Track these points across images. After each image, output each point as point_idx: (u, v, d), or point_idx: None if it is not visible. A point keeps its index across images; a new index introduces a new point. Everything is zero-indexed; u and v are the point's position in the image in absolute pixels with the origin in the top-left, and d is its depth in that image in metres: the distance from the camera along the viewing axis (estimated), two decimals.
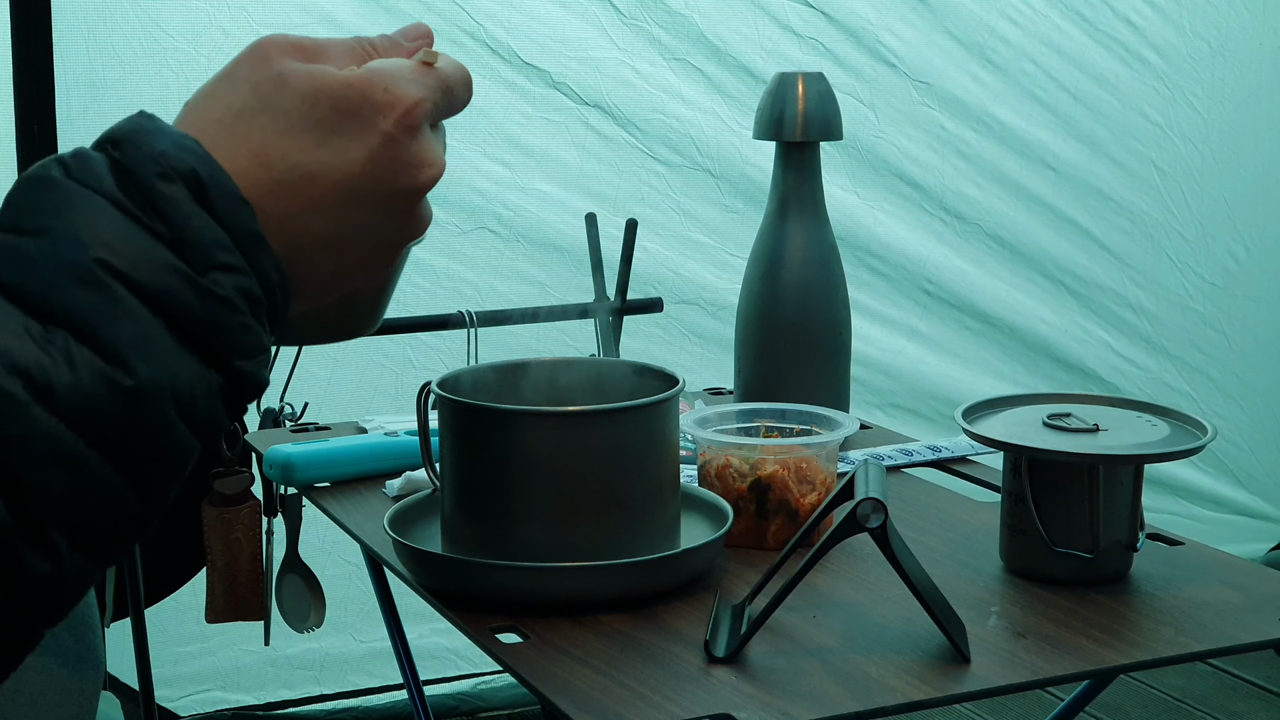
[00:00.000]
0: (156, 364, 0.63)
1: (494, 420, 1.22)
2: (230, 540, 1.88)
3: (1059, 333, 3.41)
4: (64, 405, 0.60)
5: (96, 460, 0.61)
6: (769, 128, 1.67)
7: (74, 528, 0.61)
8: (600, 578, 1.19)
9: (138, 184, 0.64)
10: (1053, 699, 2.68)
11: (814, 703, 1.03)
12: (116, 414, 0.62)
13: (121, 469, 0.62)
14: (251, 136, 0.67)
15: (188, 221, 0.64)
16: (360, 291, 0.87)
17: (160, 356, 0.63)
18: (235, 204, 0.65)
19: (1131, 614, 1.20)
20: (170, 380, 0.63)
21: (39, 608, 0.62)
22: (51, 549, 0.61)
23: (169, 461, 0.64)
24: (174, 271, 0.63)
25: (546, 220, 2.90)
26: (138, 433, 0.62)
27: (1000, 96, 3.27)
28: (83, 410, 0.61)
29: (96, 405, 0.61)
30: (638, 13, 2.95)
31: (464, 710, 2.94)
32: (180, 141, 0.65)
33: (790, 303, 1.66)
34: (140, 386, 0.62)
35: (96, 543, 0.63)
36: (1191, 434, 1.29)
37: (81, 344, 0.61)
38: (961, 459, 1.64)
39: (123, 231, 0.63)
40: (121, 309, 0.62)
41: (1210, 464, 3.54)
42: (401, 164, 0.69)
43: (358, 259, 0.72)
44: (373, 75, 0.68)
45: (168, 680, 2.68)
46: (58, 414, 0.60)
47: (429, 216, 0.73)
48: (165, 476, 0.65)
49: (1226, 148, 3.51)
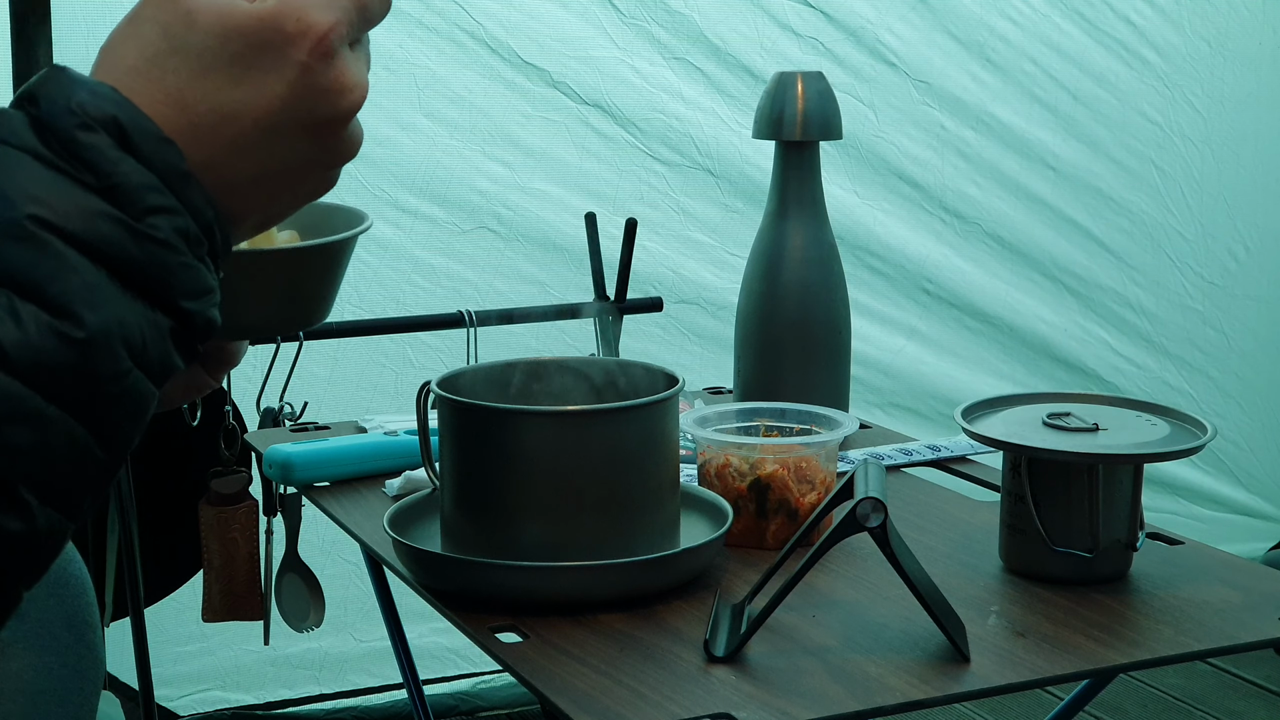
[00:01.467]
0: (104, 313, 0.62)
1: (494, 420, 1.22)
2: (227, 540, 1.88)
3: (1059, 332, 3.40)
4: (16, 363, 0.60)
5: (56, 414, 0.61)
6: (768, 127, 1.67)
7: (42, 483, 0.61)
8: (600, 577, 1.19)
9: (59, 137, 0.63)
10: (1052, 698, 2.68)
11: (814, 702, 1.03)
12: (70, 366, 0.61)
13: (82, 420, 0.62)
14: (165, 80, 0.66)
15: (115, 168, 0.63)
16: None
17: (106, 305, 0.63)
18: (159, 145, 0.65)
19: (1131, 613, 1.20)
20: (119, 327, 0.63)
21: (15, 567, 0.62)
22: (23, 506, 0.61)
23: (128, 408, 0.64)
24: (109, 219, 0.63)
25: (546, 220, 2.90)
26: (93, 382, 0.62)
27: (1000, 96, 3.27)
28: (36, 366, 0.60)
29: (49, 360, 0.61)
30: (637, 12, 2.95)
31: (464, 710, 2.94)
32: (97, 90, 0.65)
33: (790, 302, 1.66)
34: (90, 337, 0.62)
35: (66, 496, 0.63)
36: (1191, 433, 1.29)
37: (26, 301, 0.61)
38: (961, 458, 1.64)
39: (52, 185, 0.62)
40: (61, 262, 0.62)
41: (1210, 463, 3.54)
42: (321, 91, 0.68)
43: (290, 188, 0.72)
44: (282, 6, 0.67)
45: (167, 680, 2.68)
46: (11, 372, 0.60)
47: (359, 137, 0.72)
48: (127, 423, 0.64)
49: (1226, 148, 3.50)
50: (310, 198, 0.74)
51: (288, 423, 1.88)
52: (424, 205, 2.79)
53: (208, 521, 1.89)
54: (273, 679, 2.84)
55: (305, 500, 1.62)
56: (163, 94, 0.66)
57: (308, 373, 2.13)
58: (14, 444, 0.60)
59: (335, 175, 0.74)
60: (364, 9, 0.70)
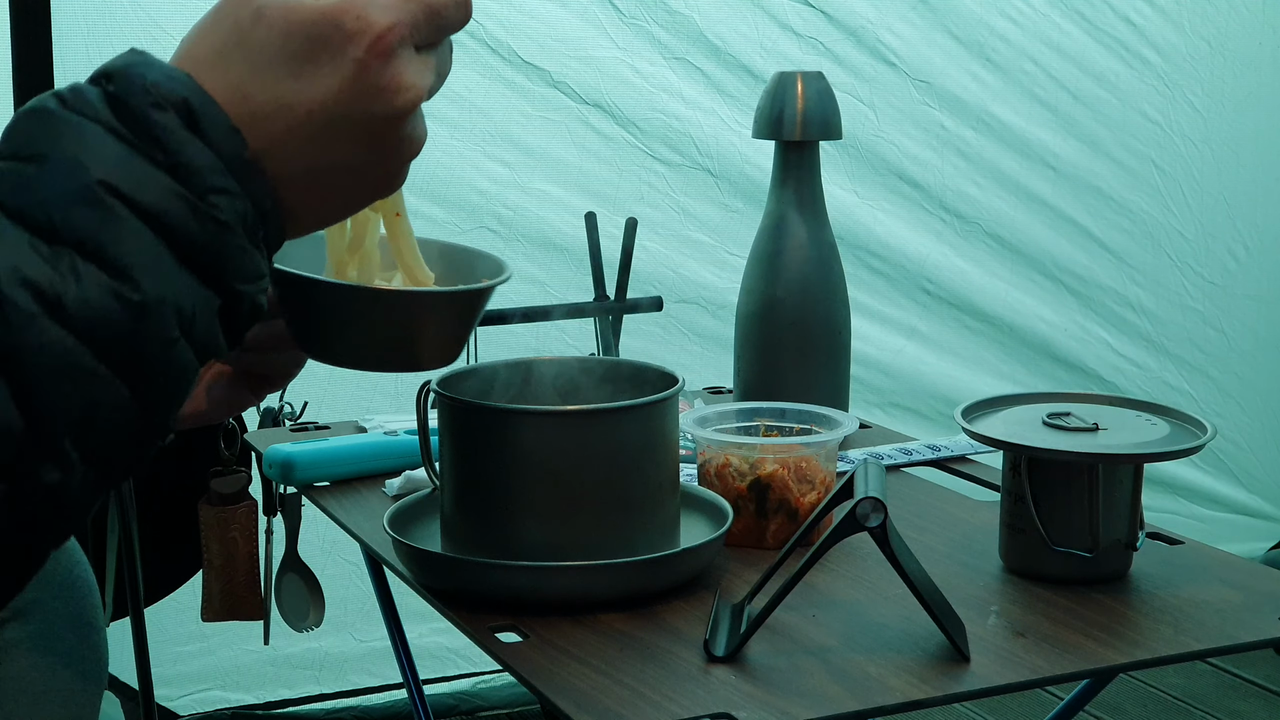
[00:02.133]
0: (160, 281, 0.64)
1: (494, 420, 1.22)
2: (227, 539, 1.88)
3: (1059, 332, 3.40)
4: (73, 318, 0.62)
5: (105, 373, 0.63)
6: (768, 127, 1.67)
7: (84, 438, 0.63)
8: (600, 577, 1.19)
9: (132, 113, 0.65)
10: (1052, 698, 2.68)
11: (813, 702, 1.03)
12: (124, 327, 0.63)
13: (128, 382, 0.64)
14: (230, 73, 0.68)
15: (182, 147, 0.66)
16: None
17: (163, 274, 0.65)
18: (226, 132, 0.67)
19: (1131, 613, 1.20)
20: (173, 297, 0.65)
21: (47, 520, 0.64)
22: (63, 458, 0.63)
23: (171, 378, 0.66)
24: (173, 194, 0.65)
25: (546, 220, 2.90)
26: (144, 346, 0.64)
27: (1000, 96, 3.27)
28: (91, 323, 0.63)
29: (105, 318, 0.63)
30: (637, 12, 2.95)
31: (464, 709, 2.94)
32: (171, 74, 0.67)
33: (790, 302, 1.66)
34: (145, 301, 0.64)
35: (104, 456, 0.64)
36: (1191, 433, 1.29)
37: (88, 261, 0.63)
38: (961, 458, 1.64)
39: (121, 157, 0.65)
40: (125, 228, 0.64)
41: (1210, 463, 3.54)
42: (376, 90, 0.69)
43: (347, 186, 0.73)
44: (345, 3, 0.69)
45: (167, 680, 2.68)
46: (67, 326, 0.62)
47: (421, 136, 0.73)
48: (168, 393, 0.66)
49: (1226, 147, 3.50)
50: (371, 197, 0.75)
51: (288, 422, 1.88)
52: (424, 205, 2.79)
53: (207, 521, 1.89)
54: (273, 679, 2.84)
55: (305, 500, 1.62)
56: (226, 86, 0.68)
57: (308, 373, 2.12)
58: (62, 395, 0.62)
59: (397, 177, 0.75)
60: (434, 13, 0.71)
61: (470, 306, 0.93)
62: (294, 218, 0.71)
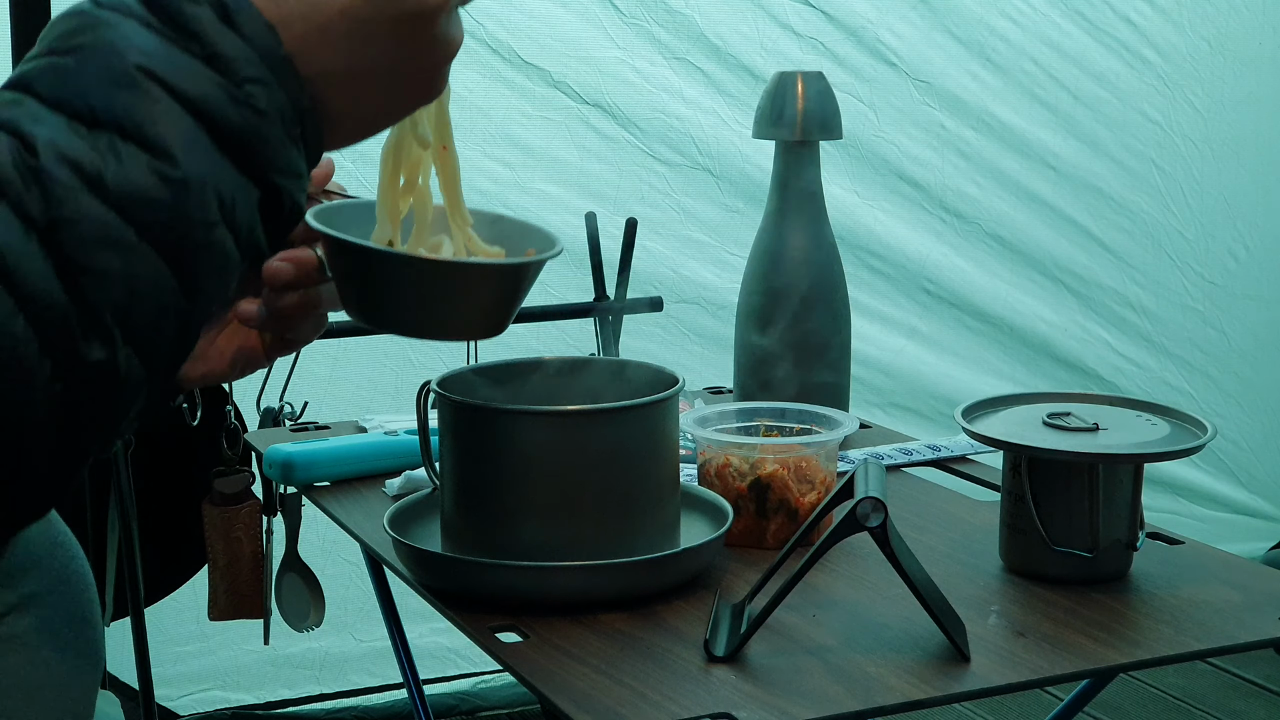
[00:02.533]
0: (199, 161, 0.65)
1: (494, 420, 1.22)
2: (231, 539, 1.88)
3: (1059, 332, 3.40)
4: (113, 194, 0.63)
5: (146, 250, 0.64)
6: (769, 127, 1.67)
7: (125, 315, 0.64)
8: (600, 577, 1.19)
9: (165, 8, 0.66)
10: (1052, 698, 2.68)
11: (814, 702, 1.03)
12: (164, 205, 0.64)
13: (169, 261, 0.65)
14: None
15: (218, 38, 0.66)
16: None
17: (202, 155, 0.65)
18: (261, 27, 0.68)
19: (1131, 613, 1.20)
20: (213, 179, 0.66)
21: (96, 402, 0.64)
22: (107, 335, 0.63)
23: (213, 262, 0.66)
24: (210, 81, 0.66)
25: (546, 220, 2.87)
26: (185, 226, 0.65)
27: (1000, 95, 3.27)
28: (132, 199, 0.63)
29: (145, 195, 0.64)
30: (638, 12, 2.95)
31: (464, 709, 2.94)
32: None
33: (790, 302, 1.66)
34: (186, 178, 0.64)
35: (147, 339, 0.65)
36: (1191, 433, 1.29)
37: (127, 141, 0.64)
38: (961, 458, 1.64)
39: (157, 46, 0.65)
40: (163, 109, 0.65)
41: (1210, 463, 3.54)
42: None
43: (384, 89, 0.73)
44: None
45: (167, 679, 2.68)
46: (108, 202, 0.63)
47: (458, 37, 0.74)
48: (210, 279, 0.67)
49: (1226, 148, 3.50)
50: (412, 102, 0.76)
51: (288, 422, 1.88)
52: None
53: (211, 521, 1.89)
54: (273, 679, 2.84)
55: (305, 500, 1.62)
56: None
57: (308, 372, 2.13)
58: (103, 269, 0.63)
59: (436, 80, 0.76)
60: None
61: (518, 279, 0.93)
62: (333, 121, 0.72)
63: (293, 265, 0.94)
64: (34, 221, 0.62)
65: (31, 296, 0.61)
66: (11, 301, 0.61)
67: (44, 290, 0.61)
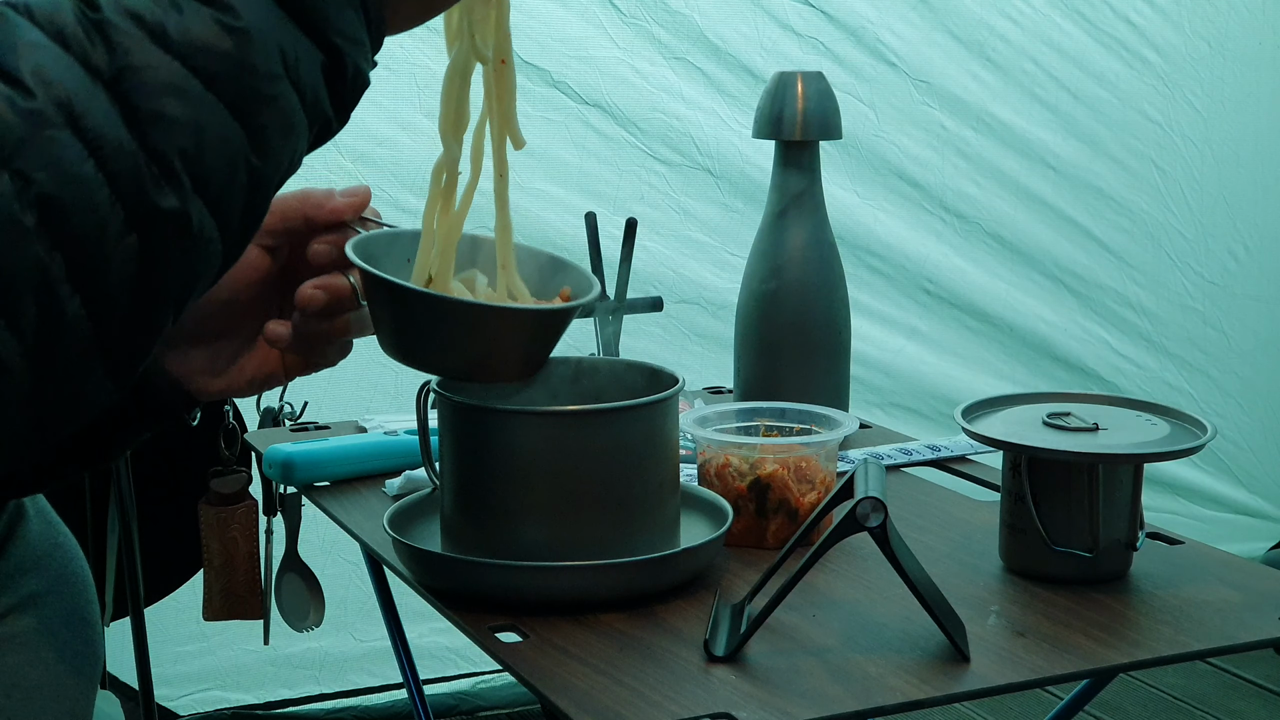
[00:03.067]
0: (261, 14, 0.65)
1: (494, 420, 1.22)
2: (227, 539, 1.88)
3: (1059, 332, 3.40)
4: (176, 44, 0.63)
5: (212, 101, 0.64)
6: (768, 127, 1.67)
7: (197, 163, 0.64)
8: (600, 577, 1.19)
9: None
10: (1052, 698, 2.68)
11: (813, 702, 1.03)
12: (228, 53, 0.64)
13: (236, 112, 0.65)
14: None
15: None
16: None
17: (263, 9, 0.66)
18: None
19: (1131, 613, 1.20)
20: (275, 32, 0.66)
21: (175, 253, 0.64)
22: (177, 182, 0.63)
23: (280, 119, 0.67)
24: None
25: (546, 220, 2.90)
26: (249, 76, 0.65)
27: (1000, 95, 3.27)
28: (195, 48, 0.63)
29: (208, 46, 0.64)
30: (638, 12, 2.95)
31: (464, 709, 2.94)
32: None
33: (790, 302, 1.66)
34: (248, 28, 0.65)
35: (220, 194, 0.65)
36: (1191, 433, 1.29)
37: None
38: (961, 458, 1.64)
39: None
40: None
41: (1210, 463, 3.54)
42: None
43: None
44: None
45: (167, 680, 2.68)
46: (171, 52, 0.63)
47: None
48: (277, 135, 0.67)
49: (1226, 147, 3.51)
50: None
51: (287, 422, 1.88)
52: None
53: (208, 521, 1.89)
54: (273, 679, 2.84)
55: (305, 500, 1.62)
56: None
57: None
58: (170, 114, 0.63)
59: None
60: None
61: (555, 324, 0.91)
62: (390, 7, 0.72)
63: (325, 293, 0.94)
64: (99, 72, 0.62)
65: (100, 141, 0.61)
66: (81, 145, 0.61)
67: (113, 136, 0.61)
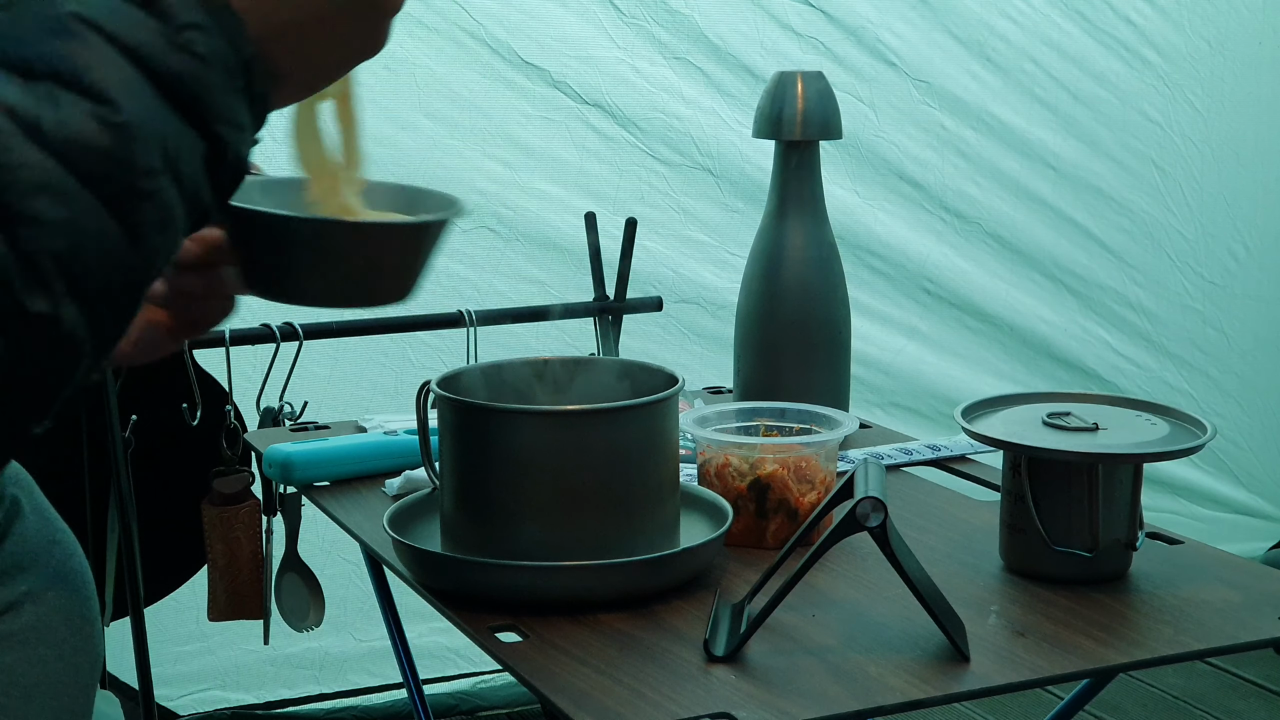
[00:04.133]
0: (141, 107, 0.63)
1: (494, 419, 1.22)
2: (231, 539, 1.88)
3: (1059, 332, 3.40)
4: (52, 140, 0.61)
5: (88, 198, 0.61)
6: (768, 126, 1.67)
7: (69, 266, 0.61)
8: (600, 577, 1.19)
9: None
10: (1052, 698, 2.68)
11: (813, 702, 1.03)
12: (105, 150, 0.62)
13: (112, 210, 0.62)
14: None
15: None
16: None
17: (144, 102, 0.63)
18: None
19: (1131, 613, 1.20)
20: (156, 126, 0.64)
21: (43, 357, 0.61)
22: (48, 286, 0.60)
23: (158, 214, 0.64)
24: (147, 27, 0.64)
25: (546, 219, 2.90)
26: (127, 172, 0.63)
27: (1000, 95, 3.27)
28: (71, 144, 0.61)
29: (85, 142, 0.61)
30: (638, 12, 2.95)
31: (464, 709, 2.94)
32: None
33: (790, 302, 1.66)
34: (128, 122, 0.62)
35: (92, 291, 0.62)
36: (1191, 433, 1.29)
37: (66, 89, 0.62)
38: (961, 458, 1.64)
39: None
40: (101, 55, 0.63)
41: (1210, 463, 3.54)
42: None
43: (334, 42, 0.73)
44: None
45: (167, 679, 2.68)
46: (46, 149, 0.60)
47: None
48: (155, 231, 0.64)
49: (1226, 147, 3.50)
50: (359, 56, 0.75)
51: (287, 422, 1.88)
52: None
53: (211, 521, 1.89)
54: (273, 679, 2.84)
55: (305, 500, 1.62)
56: None
57: (308, 372, 2.13)
58: (42, 216, 0.60)
59: (383, 32, 0.75)
60: None
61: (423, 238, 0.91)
62: (282, 79, 0.71)
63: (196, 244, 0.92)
64: None
65: None
66: None
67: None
